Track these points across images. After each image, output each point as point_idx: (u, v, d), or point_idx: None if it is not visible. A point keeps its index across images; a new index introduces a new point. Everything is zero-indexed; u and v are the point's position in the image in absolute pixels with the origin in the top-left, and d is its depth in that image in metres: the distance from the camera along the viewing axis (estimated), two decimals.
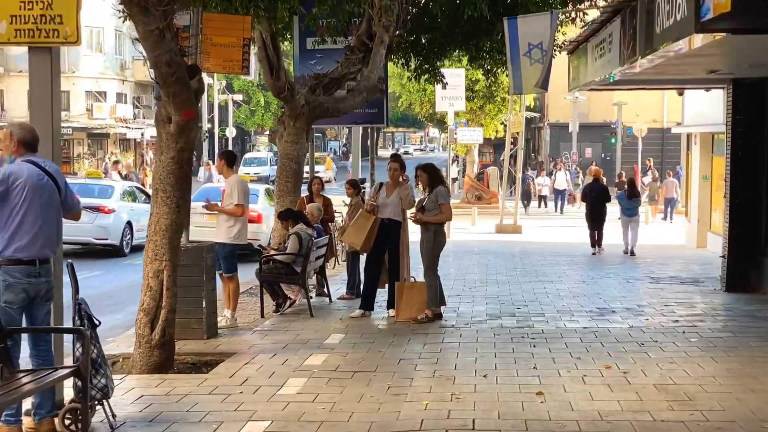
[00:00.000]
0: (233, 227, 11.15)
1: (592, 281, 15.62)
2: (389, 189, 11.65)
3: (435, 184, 11.30)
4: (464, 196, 42.20)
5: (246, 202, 11.28)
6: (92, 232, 19.78)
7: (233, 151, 12.70)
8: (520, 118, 29.15)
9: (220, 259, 11.11)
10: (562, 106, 52.82)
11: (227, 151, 12.10)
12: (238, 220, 11.15)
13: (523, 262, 19.21)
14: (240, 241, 11.19)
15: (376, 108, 16.95)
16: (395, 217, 11.49)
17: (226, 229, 11.25)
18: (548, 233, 28.82)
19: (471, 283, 15.28)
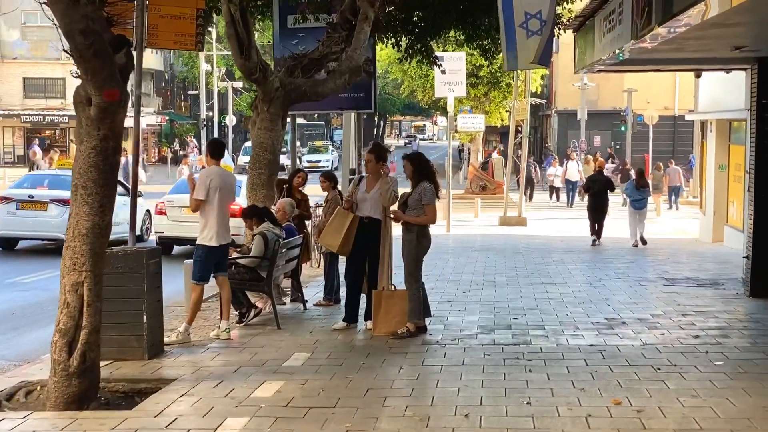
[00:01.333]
0: (204, 227, 9.62)
1: (599, 283, 14.12)
2: (369, 183, 10.18)
3: (421, 178, 9.81)
4: (468, 186, 40.65)
5: (220, 197, 9.59)
6: (61, 227, 18.25)
7: (220, 140, 11.05)
8: (524, 105, 27.64)
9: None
10: (570, 93, 51.25)
11: (213, 140, 10.57)
12: (210, 219, 9.52)
13: (525, 259, 17.71)
14: (213, 243, 9.60)
15: (363, 92, 15.48)
16: (375, 215, 10.01)
17: (199, 228, 9.78)
18: (554, 226, 27.29)
19: (466, 286, 13.80)
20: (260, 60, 12.68)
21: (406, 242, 9.83)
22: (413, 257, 9.80)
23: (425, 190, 9.69)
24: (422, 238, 9.81)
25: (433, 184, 9.79)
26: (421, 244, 9.80)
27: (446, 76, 25.01)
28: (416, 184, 9.78)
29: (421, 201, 9.66)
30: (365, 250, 10.06)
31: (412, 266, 9.82)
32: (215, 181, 9.57)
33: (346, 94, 15.42)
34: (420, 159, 10.00)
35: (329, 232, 10.16)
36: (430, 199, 9.68)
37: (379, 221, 9.96)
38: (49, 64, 55.79)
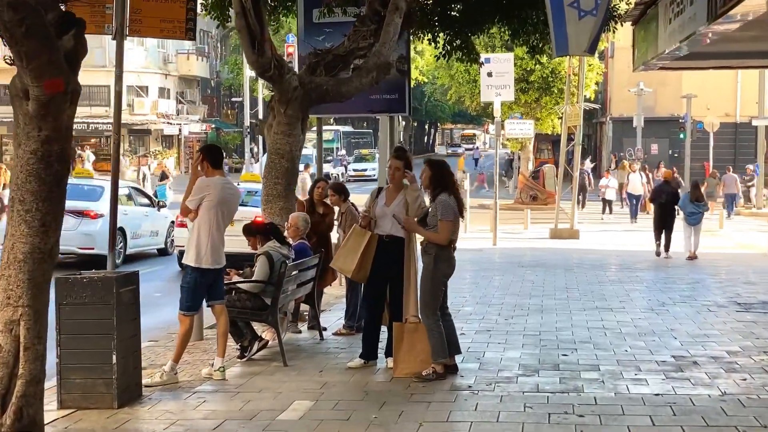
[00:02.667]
0: (194, 245, 8.14)
1: (662, 309, 12.41)
2: (390, 195, 8.65)
3: (438, 188, 8.24)
4: (518, 196, 38.98)
5: (218, 214, 8.02)
6: (76, 240, 17.07)
7: (218, 147, 9.16)
8: (577, 110, 25.89)
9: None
10: (625, 99, 49.22)
11: (208, 146, 8.90)
12: (202, 236, 8.02)
13: (577, 278, 16.02)
14: (204, 264, 8.11)
15: (396, 93, 13.93)
16: (397, 233, 8.47)
17: (187, 246, 8.36)
18: (608, 239, 25.52)
19: (509, 310, 12.19)
20: (275, 55, 11.21)
21: (424, 266, 8.27)
22: (429, 285, 8.20)
23: (442, 202, 8.13)
24: (440, 261, 8.22)
25: (453, 197, 8.22)
26: (439, 270, 8.20)
27: (493, 79, 23.45)
28: (434, 196, 8.23)
29: (437, 216, 8.13)
30: (386, 275, 8.52)
31: (427, 295, 8.22)
32: (215, 194, 8.07)
33: (376, 95, 13.92)
34: (442, 167, 8.42)
35: (343, 254, 8.62)
36: (447, 215, 8.11)
37: (402, 240, 8.41)
38: (93, 71, 55.08)
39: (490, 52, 32.54)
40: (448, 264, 8.28)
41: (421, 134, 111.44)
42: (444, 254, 8.22)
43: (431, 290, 8.18)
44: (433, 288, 8.18)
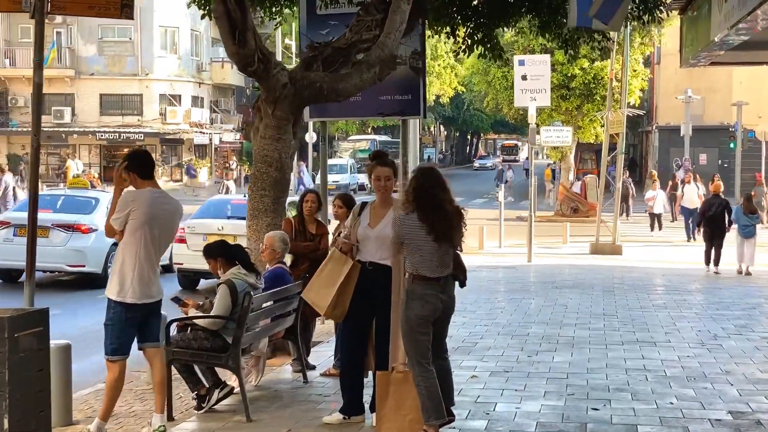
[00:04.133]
0: (116, 273, 6.64)
1: (715, 343, 10.63)
2: (375, 213, 7.02)
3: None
4: (558, 207, 37.10)
5: (148, 235, 6.53)
6: (65, 256, 15.64)
7: (145, 152, 7.22)
8: (620, 116, 24.06)
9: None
10: (672, 107, 47.16)
11: (134, 152, 7.20)
12: (127, 262, 6.55)
13: (617, 302, 14.25)
14: (129, 299, 6.57)
15: (409, 94, 12.28)
16: (384, 260, 6.83)
17: (111, 275, 6.83)
18: (653, 254, 23.65)
19: (534, 344, 10.48)
20: (260, 47, 9.63)
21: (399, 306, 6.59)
22: (404, 329, 6.46)
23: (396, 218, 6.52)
24: (412, 300, 6.45)
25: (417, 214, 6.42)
26: (411, 310, 6.43)
27: (527, 82, 21.74)
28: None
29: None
30: (369, 311, 6.89)
31: (405, 341, 6.50)
32: (142, 211, 6.52)
33: (387, 96, 12.31)
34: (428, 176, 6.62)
35: (316, 285, 6.97)
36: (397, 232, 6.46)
37: (390, 269, 6.77)
38: (125, 80, 54.27)
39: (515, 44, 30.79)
40: (421, 303, 6.44)
41: (463, 144, 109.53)
42: (416, 290, 6.45)
43: (407, 336, 6.44)
44: (408, 333, 6.45)
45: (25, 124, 53.74)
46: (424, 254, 6.42)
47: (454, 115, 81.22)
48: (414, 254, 6.41)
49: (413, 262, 6.42)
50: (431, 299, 6.48)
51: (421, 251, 6.42)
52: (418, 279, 6.43)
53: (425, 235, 6.41)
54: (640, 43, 36.56)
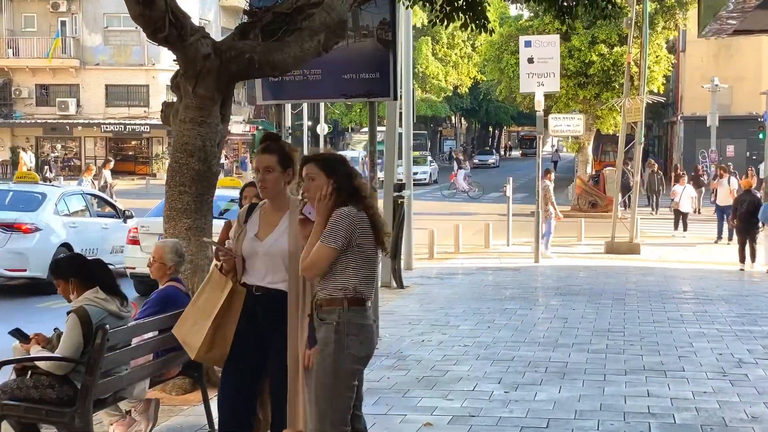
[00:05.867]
0: None
1: (739, 372, 8.67)
2: (265, 219, 5.14)
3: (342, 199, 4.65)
4: (575, 202, 35.08)
5: None
6: (3, 259, 13.88)
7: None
8: (638, 104, 22.07)
9: None
10: (698, 97, 44.98)
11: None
12: None
13: (627, 315, 12.32)
14: None
15: (377, 72, 10.40)
16: (277, 284, 4.97)
17: None
18: (674, 254, 21.68)
19: (516, 374, 8.57)
20: (172, 8, 7.78)
21: (320, 345, 4.68)
22: (330, 381, 4.59)
23: (334, 218, 4.63)
24: (348, 336, 4.63)
25: (365, 211, 4.68)
26: (346, 351, 4.62)
27: (534, 65, 19.75)
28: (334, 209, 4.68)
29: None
30: (259, 354, 5.04)
31: (325, 402, 4.60)
32: None
33: (351, 74, 10.45)
34: (336, 163, 4.80)
35: (192, 317, 5.13)
36: (328, 238, 4.59)
37: (285, 296, 4.90)
38: (132, 70, 52.66)
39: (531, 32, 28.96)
40: (360, 340, 4.66)
41: (485, 137, 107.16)
42: (354, 321, 4.64)
43: (332, 392, 4.59)
44: (335, 388, 4.61)
45: (29, 116, 52.33)
46: (370, 268, 4.72)
47: (473, 106, 79.07)
48: (359, 268, 4.66)
49: (354, 279, 4.63)
50: (370, 332, 4.75)
51: (368, 263, 4.72)
52: (357, 304, 4.65)
53: (374, 241, 4.69)
54: (663, 27, 34.43)
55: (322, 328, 4.62)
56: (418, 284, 15.69)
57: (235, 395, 5.05)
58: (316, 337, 4.63)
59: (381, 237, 4.67)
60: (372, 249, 4.67)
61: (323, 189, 4.59)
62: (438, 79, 63.70)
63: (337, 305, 4.60)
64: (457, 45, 64.73)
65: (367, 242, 4.64)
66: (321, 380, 4.58)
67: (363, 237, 4.63)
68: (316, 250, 4.57)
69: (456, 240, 21.75)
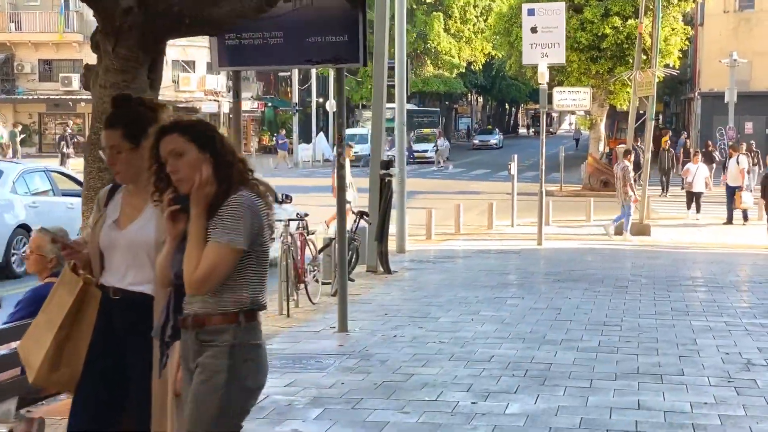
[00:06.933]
0: None
1: (747, 377, 7.54)
2: (128, 203, 4.07)
3: (225, 183, 3.57)
4: (587, 180, 33.87)
5: None
6: None
7: None
8: (650, 77, 20.85)
9: None
10: (716, 72, 43.56)
11: None
12: None
13: (627, 305, 11.21)
14: None
15: (345, 35, 9.28)
16: (141, 286, 3.93)
17: None
18: (688, 235, 20.52)
19: (490, 378, 7.49)
20: None
21: (202, 370, 3.56)
22: (215, 413, 3.48)
23: (234, 208, 3.50)
24: (246, 361, 3.53)
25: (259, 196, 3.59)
26: (242, 379, 3.51)
27: (538, 35, 18.59)
28: (219, 197, 3.56)
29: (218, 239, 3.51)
30: (117, 374, 3.98)
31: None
32: None
33: (316, 38, 9.34)
34: (210, 135, 3.64)
35: (38, 329, 4.08)
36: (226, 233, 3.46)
37: (152, 301, 3.83)
38: None
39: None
40: (258, 366, 3.58)
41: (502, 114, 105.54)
42: (252, 340, 3.54)
43: (217, 425, 3.54)
44: (220, 420, 3.53)
45: (32, 91, 51.41)
46: (265, 270, 3.66)
47: (487, 84, 77.61)
48: (258, 272, 3.60)
49: (252, 287, 3.56)
50: (266, 355, 3.68)
51: (265, 264, 3.66)
52: (253, 319, 3.59)
53: (269, 235, 3.64)
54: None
55: (208, 353, 3.50)
56: (408, 269, 14.63)
57: (89, 420, 3.95)
58: (196, 362, 3.52)
59: (272, 229, 3.59)
60: (268, 246, 3.59)
61: (201, 169, 3.49)
62: (450, 55, 62.35)
63: (230, 322, 3.50)
64: (470, 20, 63.30)
65: (267, 238, 3.56)
66: (209, 412, 3.48)
67: (265, 232, 3.55)
68: (213, 254, 3.42)
69: (456, 220, 20.65)
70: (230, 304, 3.48)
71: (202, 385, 3.46)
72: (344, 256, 9.82)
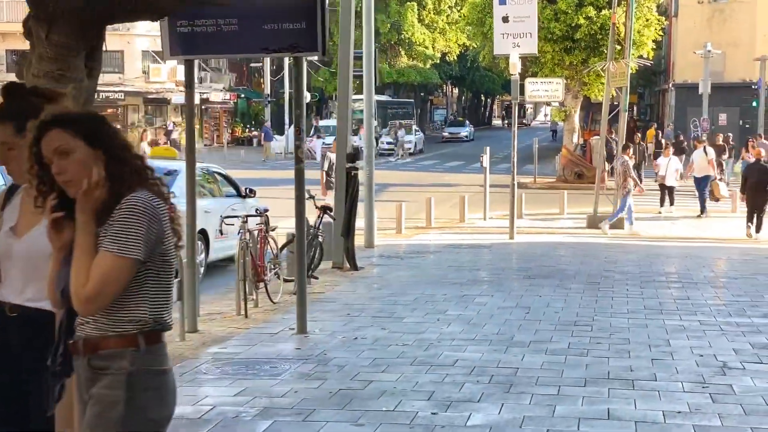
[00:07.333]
0: None
1: (723, 382, 7.16)
2: (27, 208, 3.55)
3: (117, 183, 3.11)
4: (561, 172, 33.56)
5: None
6: None
7: None
8: (623, 68, 20.51)
9: None
10: (690, 64, 43.41)
11: None
12: None
13: (599, 303, 10.85)
14: None
15: (302, 21, 8.82)
16: (39, 302, 3.45)
17: None
18: (662, 228, 20.24)
19: (452, 385, 7.08)
20: None
21: (95, 402, 3.10)
22: None
23: (127, 212, 3.03)
24: (147, 390, 3.06)
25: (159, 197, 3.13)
26: (135, 417, 3.01)
27: (510, 25, 18.16)
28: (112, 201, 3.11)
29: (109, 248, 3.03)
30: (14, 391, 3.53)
31: None
32: None
33: (273, 24, 8.88)
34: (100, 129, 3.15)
35: None
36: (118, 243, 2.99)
37: (52, 317, 3.37)
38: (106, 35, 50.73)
39: None
40: (162, 394, 3.12)
41: (477, 106, 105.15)
42: (154, 365, 3.09)
43: None
44: None
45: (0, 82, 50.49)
46: (169, 283, 3.18)
47: (462, 74, 77.19)
48: (159, 286, 3.13)
49: (153, 303, 3.10)
50: (172, 382, 3.21)
51: (169, 277, 3.18)
52: (155, 341, 3.12)
53: (173, 243, 3.17)
54: None
55: (102, 382, 3.04)
56: (376, 265, 14.23)
57: None
58: (90, 393, 3.07)
59: (179, 235, 3.14)
60: (173, 255, 3.13)
61: (92, 170, 3.03)
62: (424, 46, 61.90)
63: (128, 346, 3.05)
64: (444, 11, 62.88)
65: (170, 246, 3.11)
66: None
67: (167, 238, 3.10)
68: (104, 266, 2.95)
69: (428, 214, 20.24)
70: (127, 324, 3.03)
71: (96, 419, 3.00)
72: (303, 253, 9.38)
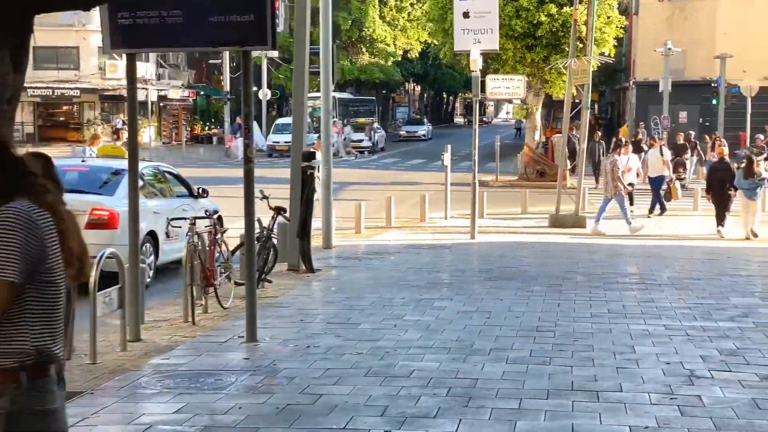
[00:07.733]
0: None
1: (690, 393, 6.83)
2: None
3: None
4: (522, 171, 33.31)
5: None
6: None
7: None
8: (585, 65, 20.25)
9: None
10: (651, 61, 43.35)
11: None
12: None
13: (562, 306, 10.51)
14: None
15: (250, 14, 8.38)
16: None
17: None
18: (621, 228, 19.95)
19: (399, 408, 6.67)
20: None
21: None
22: None
23: (6, 224, 2.62)
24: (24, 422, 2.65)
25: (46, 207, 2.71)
26: None
27: (470, 21, 17.84)
28: None
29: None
30: None
31: None
32: None
33: (220, 17, 8.44)
34: None
35: None
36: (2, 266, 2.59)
37: None
38: (61, 31, 49.76)
39: None
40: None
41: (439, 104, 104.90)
42: (38, 404, 2.65)
43: None
44: None
45: None
46: (57, 307, 2.78)
47: (424, 72, 76.92)
48: (44, 311, 2.74)
49: (35, 332, 2.70)
50: (60, 421, 2.77)
51: (56, 299, 2.78)
52: (40, 375, 2.71)
53: (60, 261, 2.67)
54: None
55: None
56: (333, 266, 13.83)
57: None
58: None
59: (73, 252, 2.70)
60: (61, 274, 2.69)
61: None
62: (386, 43, 61.53)
63: (7, 382, 2.62)
64: (405, 8, 62.55)
65: (56, 263, 2.67)
66: None
67: (51, 255, 2.66)
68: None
69: (387, 213, 19.84)
70: (6, 357, 2.59)
71: None
72: (253, 256, 8.95)
